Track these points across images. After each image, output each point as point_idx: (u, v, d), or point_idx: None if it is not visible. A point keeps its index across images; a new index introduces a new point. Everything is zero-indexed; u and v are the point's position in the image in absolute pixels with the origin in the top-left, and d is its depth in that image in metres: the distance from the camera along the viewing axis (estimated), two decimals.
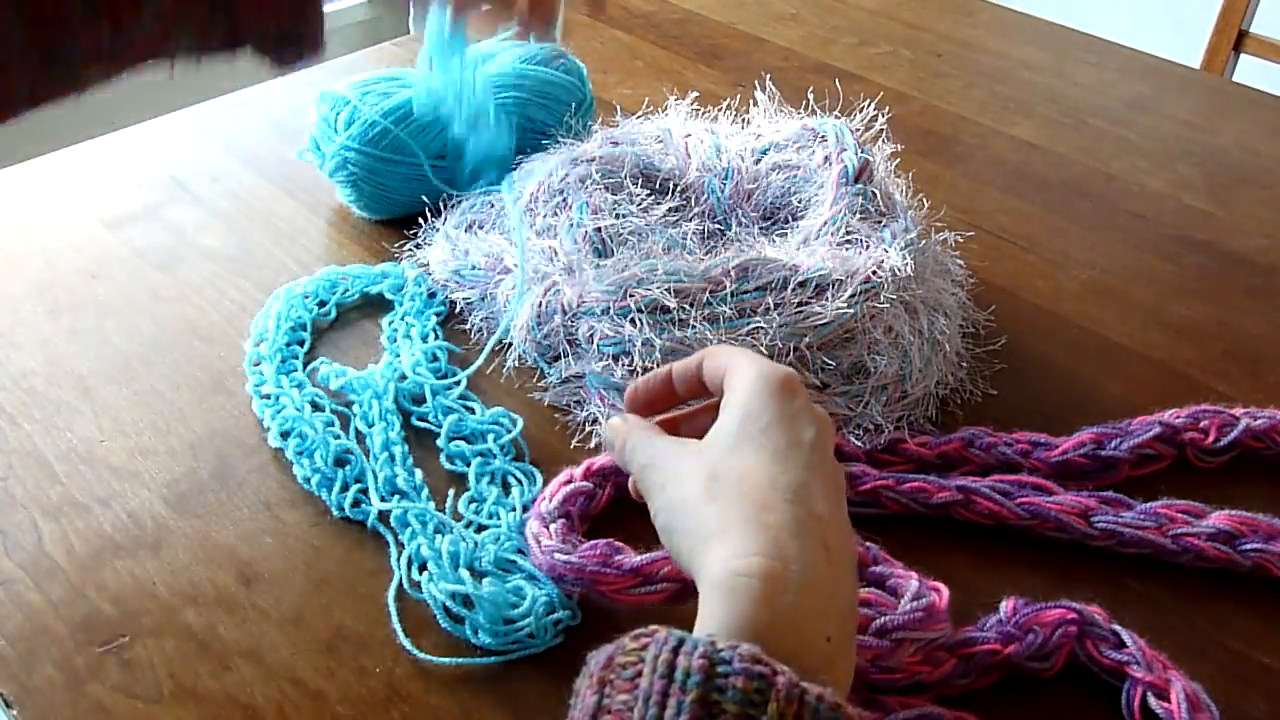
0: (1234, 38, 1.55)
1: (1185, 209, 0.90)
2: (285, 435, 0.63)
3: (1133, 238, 0.86)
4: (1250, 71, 1.51)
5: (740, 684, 0.34)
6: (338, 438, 0.63)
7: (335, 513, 0.60)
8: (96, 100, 0.51)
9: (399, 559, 0.57)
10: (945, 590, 0.52)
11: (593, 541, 0.55)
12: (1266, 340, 0.75)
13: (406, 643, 0.53)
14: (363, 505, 0.60)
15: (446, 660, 0.52)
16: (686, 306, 0.62)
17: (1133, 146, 0.99)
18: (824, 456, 0.45)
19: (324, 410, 0.65)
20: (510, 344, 0.70)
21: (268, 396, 0.66)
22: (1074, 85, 1.09)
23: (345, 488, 0.60)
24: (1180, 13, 2.04)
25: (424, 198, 0.81)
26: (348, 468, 0.61)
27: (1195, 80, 1.15)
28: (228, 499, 0.61)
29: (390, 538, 0.58)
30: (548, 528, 0.56)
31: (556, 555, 0.54)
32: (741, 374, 0.47)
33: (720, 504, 0.42)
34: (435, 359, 0.69)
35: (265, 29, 0.51)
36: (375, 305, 0.75)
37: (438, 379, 0.68)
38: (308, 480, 0.61)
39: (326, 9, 0.56)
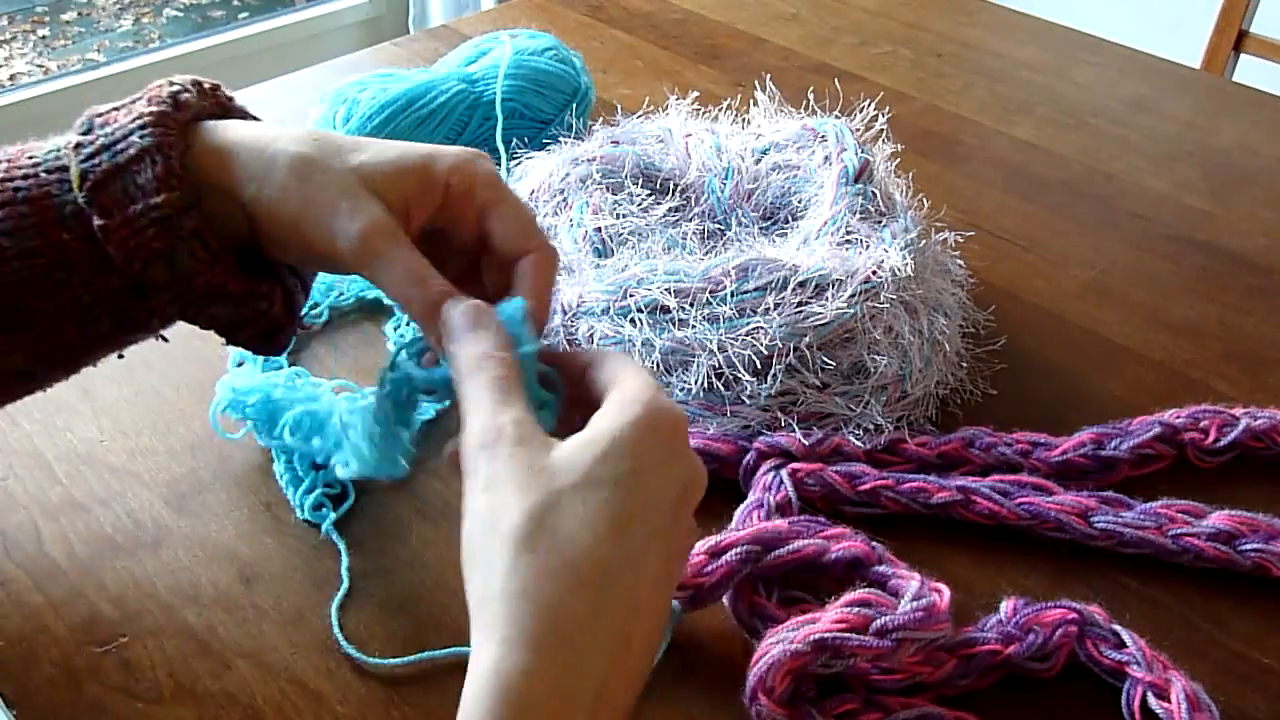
0: (1234, 38, 1.55)
1: (1185, 209, 0.90)
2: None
3: (1133, 238, 0.86)
4: (1250, 71, 1.51)
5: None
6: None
7: (298, 514, 0.59)
8: (95, 100, 0.51)
9: (345, 568, 0.57)
10: (946, 591, 0.52)
11: None
12: (1266, 340, 0.75)
13: (350, 649, 0.53)
14: (323, 510, 0.60)
15: (400, 661, 0.52)
16: (686, 306, 0.62)
17: (1133, 146, 0.99)
18: (676, 518, 0.39)
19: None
20: None
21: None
22: (1074, 85, 1.09)
23: (312, 489, 0.60)
24: (1180, 13, 2.04)
25: None
26: (322, 472, 0.61)
27: (1195, 80, 1.15)
28: (228, 499, 0.61)
29: (342, 546, 0.58)
30: None
31: None
32: (626, 392, 0.40)
33: (532, 567, 0.35)
34: None
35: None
36: (375, 306, 0.75)
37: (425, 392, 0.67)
38: (280, 475, 0.61)
39: (327, 9, 0.56)
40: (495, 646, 0.33)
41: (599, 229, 0.69)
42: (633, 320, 0.63)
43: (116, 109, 0.49)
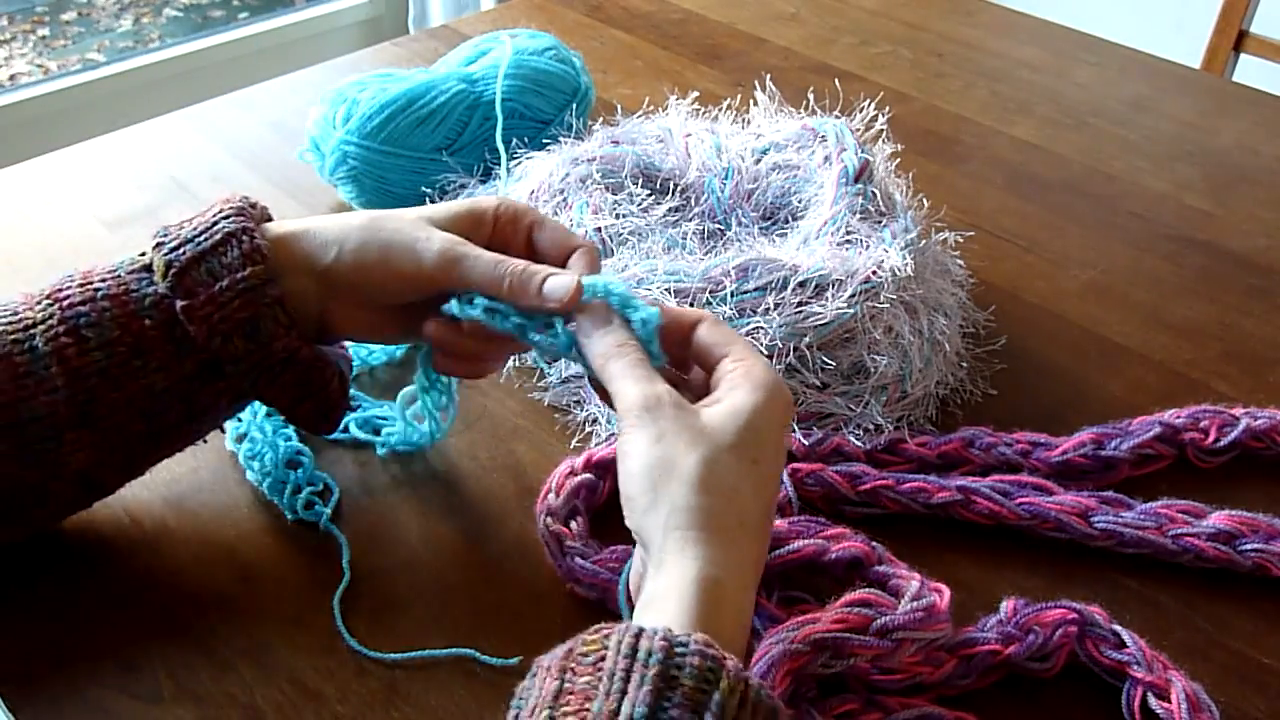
0: (1234, 38, 1.55)
1: (1185, 209, 0.90)
2: (240, 439, 0.63)
3: (1133, 238, 0.86)
4: (1250, 71, 1.51)
5: (696, 663, 0.37)
6: (289, 440, 0.62)
7: (288, 516, 0.59)
8: (95, 100, 0.51)
9: (346, 561, 0.57)
10: (946, 591, 0.52)
11: (611, 547, 0.55)
12: (1266, 340, 0.75)
13: (353, 642, 0.53)
14: (316, 507, 0.60)
15: (402, 655, 0.52)
16: (686, 306, 0.62)
17: (1133, 146, 0.99)
18: (780, 478, 0.50)
19: None
20: None
21: None
22: (1074, 85, 1.09)
23: (298, 490, 0.60)
24: (1180, 13, 2.04)
25: (425, 190, 0.81)
26: (300, 470, 0.61)
27: (1195, 80, 1.15)
28: (228, 499, 0.61)
29: (343, 539, 0.58)
30: (568, 526, 0.57)
31: (578, 560, 0.55)
32: (755, 376, 0.48)
33: (712, 505, 0.44)
34: None
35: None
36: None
37: None
38: (259, 484, 0.61)
39: (327, 9, 0.58)
40: (691, 561, 0.42)
41: (599, 229, 0.69)
42: None
43: (188, 219, 0.55)
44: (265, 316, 0.52)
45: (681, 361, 0.53)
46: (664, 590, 0.42)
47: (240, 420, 0.63)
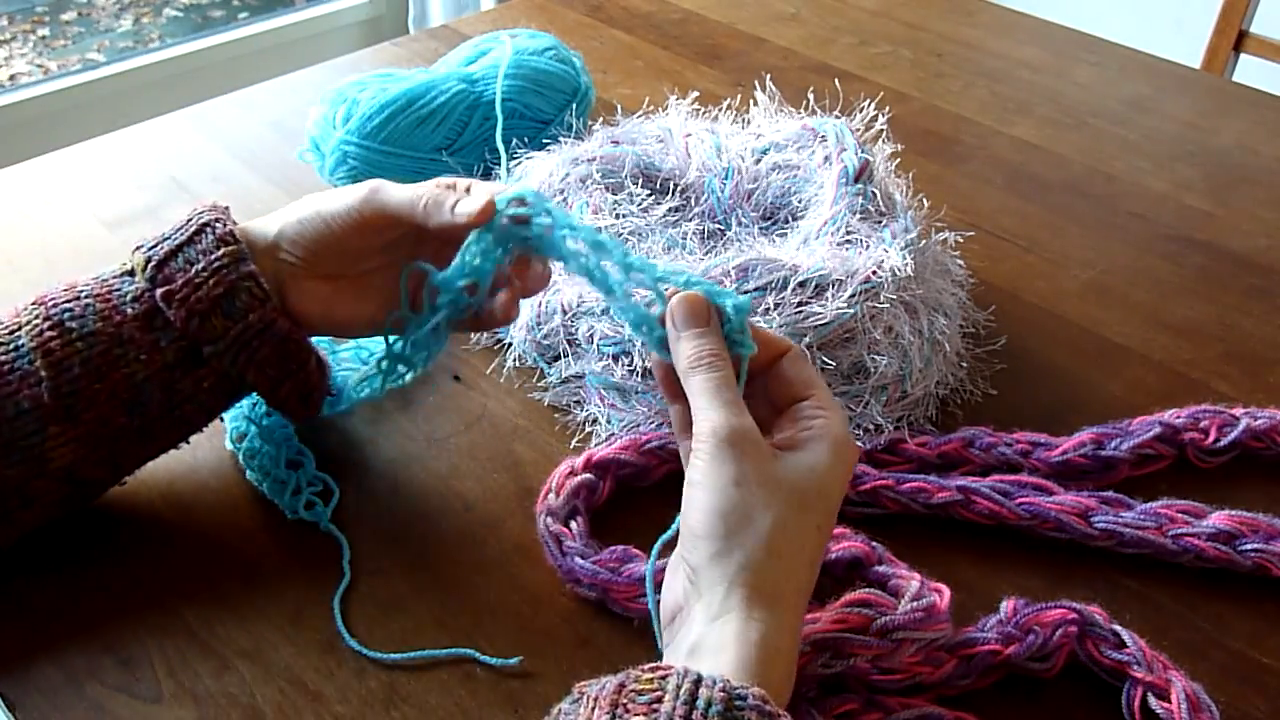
0: (1234, 38, 1.55)
1: (1185, 209, 0.90)
2: (240, 439, 0.63)
3: (1133, 238, 0.86)
4: (1250, 71, 1.51)
5: (754, 718, 0.37)
6: (289, 439, 0.62)
7: (288, 516, 0.59)
8: (95, 100, 0.52)
9: (346, 561, 0.57)
10: (946, 591, 0.52)
11: (611, 547, 0.55)
12: (1266, 340, 0.75)
13: (353, 642, 0.53)
14: (316, 507, 0.59)
15: (402, 655, 0.52)
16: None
17: (1133, 146, 0.99)
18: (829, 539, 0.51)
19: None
20: (510, 344, 0.70)
21: None
22: (1074, 85, 1.09)
23: (298, 490, 0.60)
24: (1180, 13, 2.05)
25: None
26: (300, 470, 0.61)
27: (1195, 80, 1.15)
28: (228, 499, 0.61)
29: (343, 539, 0.58)
30: (568, 527, 0.57)
31: (577, 560, 0.55)
32: (834, 434, 0.48)
33: (778, 567, 0.44)
34: None
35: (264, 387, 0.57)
36: None
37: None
38: (259, 484, 0.61)
39: (327, 9, 0.59)
40: (750, 621, 0.43)
41: (599, 229, 0.69)
42: None
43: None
44: (240, 290, 0.55)
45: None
46: (717, 641, 0.42)
47: (240, 420, 0.63)
